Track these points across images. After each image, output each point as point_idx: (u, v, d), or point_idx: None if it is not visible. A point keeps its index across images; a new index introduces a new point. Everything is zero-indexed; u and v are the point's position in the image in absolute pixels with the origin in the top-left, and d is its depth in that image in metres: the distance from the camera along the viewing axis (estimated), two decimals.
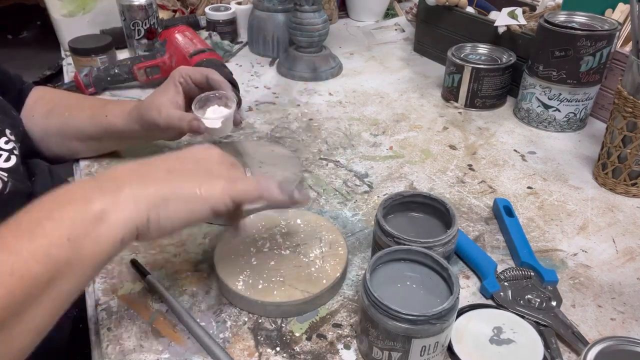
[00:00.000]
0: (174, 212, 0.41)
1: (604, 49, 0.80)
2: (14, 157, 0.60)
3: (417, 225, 0.60)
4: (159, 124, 0.66)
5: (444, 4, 1.07)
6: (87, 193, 0.39)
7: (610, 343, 0.41)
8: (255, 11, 1.16)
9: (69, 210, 0.38)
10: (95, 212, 0.38)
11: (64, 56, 1.18)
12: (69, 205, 0.39)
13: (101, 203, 0.39)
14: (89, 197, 0.39)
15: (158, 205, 0.41)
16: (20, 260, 0.35)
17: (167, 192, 0.41)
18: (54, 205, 0.39)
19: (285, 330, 0.53)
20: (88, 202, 0.38)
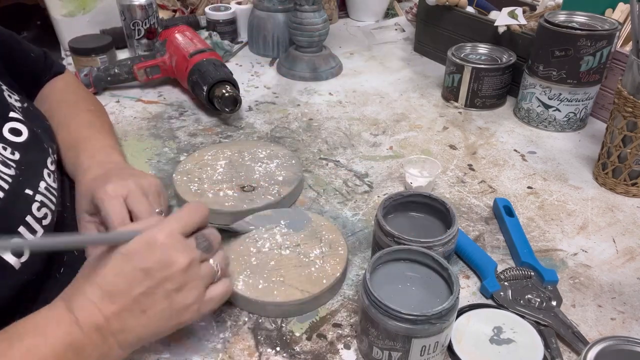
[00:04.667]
0: (149, 341, 0.47)
1: (604, 48, 0.80)
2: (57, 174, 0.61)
3: (417, 225, 0.60)
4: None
5: (444, 3, 1.07)
6: (76, 341, 0.42)
7: (610, 343, 0.41)
8: (255, 11, 1.16)
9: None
10: (85, 357, 0.42)
11: (64, 56, 1.18)
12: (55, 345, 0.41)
13: (94, 352, 0.43)
14: (78, 347, 0.42)
15: (138, 345, 0.45)
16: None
17: (146, 335, 0.45)
18: (39, 339, 0.41)
19: (285, 330, 0.53)
20: (79, 352, 0.42)
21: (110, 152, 0.68)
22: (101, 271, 0.44)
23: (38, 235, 0.52)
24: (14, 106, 0.60)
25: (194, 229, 0.47)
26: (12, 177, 0.52)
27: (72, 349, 0.41)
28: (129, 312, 0.43)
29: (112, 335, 0.43)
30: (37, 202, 0.54)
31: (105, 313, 0.42)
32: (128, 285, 0.43)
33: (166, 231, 0.45)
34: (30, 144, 0.58)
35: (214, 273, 0.48)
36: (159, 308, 0.44)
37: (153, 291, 0.43)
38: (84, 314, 0.42)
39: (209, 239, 0.48)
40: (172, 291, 0.44)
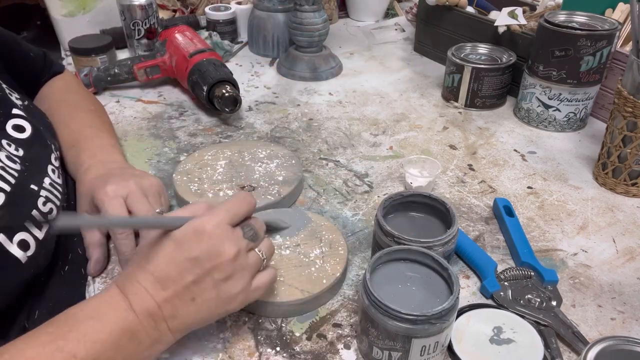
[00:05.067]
0: (197, 327, 0.48)
1: (604, 48, 0.80)
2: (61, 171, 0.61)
3: (417, 225, 0.60)
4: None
5: (444, 3, 1.07)
6: (131, 326, 0.43)
7: (610, 343, 0.41)
8: (255, 11, 1.16)
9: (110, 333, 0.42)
10: (139, 342, 0.44)
11: (64, 56, 1.18)
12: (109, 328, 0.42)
13: (147, 337, 0.44)
14: (132, 331, 0.43)
15: (186, 331, 0.47)
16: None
17: (195, 322, 0.46)
18: (95, 325, 0.43)
19: (285, 330, 0.53)
20: (133, 336, 0.43)
21: (111, 152, 0.68)
22: (153, 258, 0.45)
23: (44, 230, 0.52)
24: (16, 104, 0.60)
25: (241, 219, 0.48)
26: (18, 172, 0.52)
27: (127, 334, 0.43)
28: (179, 299, 0.44)
29: (164, 321, 0.44)
30: (43, 197, 0.54)
31: (158, 299, 0.44)
32: (179, 273, 0.44)
33: (215, 221, 0.45)
34: (33, 141, 0.58)
35: (261, 262, 0.48)
36: (207, 296, 0.45)
37: (202, 279, 0.44)
38: (137, 300, 0.43)
39: (255, 229, 0.48)
40: (220, 280, 0.45)
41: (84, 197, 0.61)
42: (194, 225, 0.45)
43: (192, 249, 0.44)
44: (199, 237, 0.44)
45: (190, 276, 0.44)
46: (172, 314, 0.44)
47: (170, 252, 0.44)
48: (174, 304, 0.44)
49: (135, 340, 0.43)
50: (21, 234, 0.49)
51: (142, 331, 0.43)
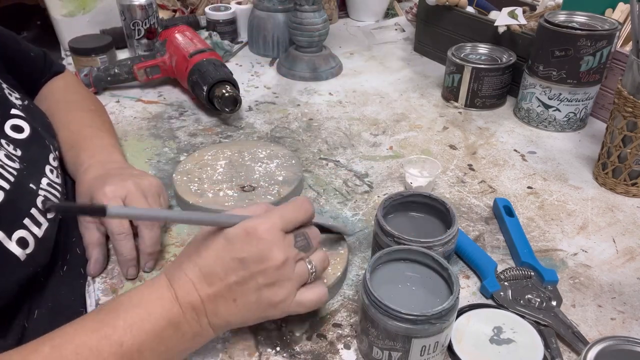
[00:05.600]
0: (236, 327, 0.48)
1: (604, 48, 0.80)
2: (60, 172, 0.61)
3: (417, 225, 0.60)
4: None
5: (444, 3, 1.07)
6: (175, 317, 0.44)
7: (610, 343, 0.41)
8: (255, 11, 1.16)
9: (156, 329, 0.43)
10: (182, 334, 0.45)
11: (64, 56, 1.18)
12: (156, 325, 0.43)
13: (189, 330, 0.45)
14: (176, 323, 0.44)
15: (226, 328, 0.48)
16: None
17: (234, 321, 0.47)
18: (141, 318, 0.43)
19: (285, 330, 0.53)
20: (177, 328, 0.44)
21: (111, 151, 0.68)
22: (203, 252, 0.45)
23: (43, 228, 0.52)
24: (15, 104, 0.60)
25: (296, 226, 0.47)
26: (17, 171, 0.53)
27: (172, 325, 0.43)
28: (221, 297, 0.45)
29: (206, 316, 0.45)
30: (41, 196, 0.54)
31: (202, 294, 0.44)
32: (224, 271, 0.44)
33: (267, 225, 0.45)
34: (32, 141, 0.58)
35: (308, 274, 0.47)
36: (248, 299, 0.45)
37: (246, 282, 0.44)
38: (182, 292, 0.44)
39: (308, 238, 0.47)
40: (263, 285, 0.45)
41: (83, 198, 0.61)
42: (246, 226, 0.45)
43: (240, 250, 0.44)
44: (249, 239, 0.44)
45: (234, 276, 0.44)
46: (214, 311, 0.45)
47: (220, 249, 0.45)
48: (216, 301, 0.45)
49: (179, 332, 0.44)
50: (20, 231, 0.49)
51: (186, 324, 0.44)
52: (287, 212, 0.47)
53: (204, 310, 0.44)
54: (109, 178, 0.60)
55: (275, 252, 0.44)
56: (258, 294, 0.45)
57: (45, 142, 0.61)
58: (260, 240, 0.44)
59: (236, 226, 0.45)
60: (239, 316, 0.46)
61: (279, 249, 0.45)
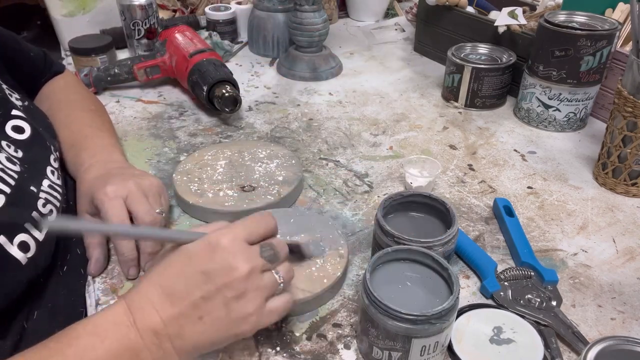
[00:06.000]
0: (205, 351, 0.45)
1: (604, 48, 0.80)
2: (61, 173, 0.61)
3: (417, 225, 0.60)
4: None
5: (444, 3, 1.07)
6: (133, 344, 0.41)
7: (610, 343, 0.41)
8: (255, 11, 1.16)
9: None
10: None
11: (64, 56, 1.18)
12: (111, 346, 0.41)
13: (150, 356, 0.42)
14: (134, 350, 0.41)
15: (194, 353, 0.44)
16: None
17: (202, 343, 0.44)
18: (95, 340, 0.41)
19: (285, 330, 0.53)
20: (135, 356, 0.41)
21: (111, 151, 0.68)
22: (163, 271, 0.43)
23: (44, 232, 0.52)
24: (16, 104, 0.60)
25: (260, 238, 0.46)
26: (17, 174, 0.52)
27: (129, 352, 0.41)
28: (186, 316, 0.42)
29: (169, 340, 0.42)
30: (42, 199, 0.54)
31: (163, 316, 0.42)
32: (187, 287, 0.42)
33: (230, 236, 0.43)
34: (33, 142, 0.58)
35: (276, 284, 0.45)
36: (216, 315, 0.42)
37: (212, 296, 0.42)
38: (142, 316, 0.42)
39: (275, 249, 0.46)
40: (231, 299, 0.42)
41: (84, 197, 0.61)
42: (209, 239, 0.43)
43: (203, 263, 0.42)
44: (212, 250, 0.43)
45: (199, 292, 0.42)
46: (178, 333, 0.42)
47: (182, 265, 0.43)
48: (181, 322, 0.42)
49: (137, 359, 0.41)
50: (21, 235, 0.49)
51: (146, 350, 0.41)
52: (250, 224, 0.45)
53: (166, 334, 0.42)
54: (110, 178, 0.60)
55: (240, 262, 0.43)
56: (227, 309, 0.43)
57: (46, 143, 0.61)
58: (224, 251, 0.43)
59: (198, 240, 0.44)
60: (206, 336, 0.43)
61: (244, 259, 0.43)
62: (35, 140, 0.59)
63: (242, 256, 0.43)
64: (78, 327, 0.42)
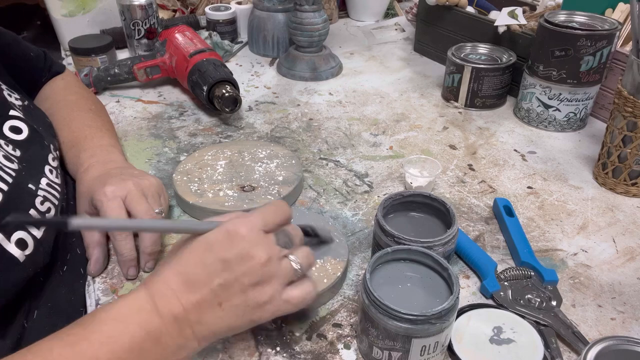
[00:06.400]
0: (224, 336, 0.46)
1: (604, 48, 0.80)
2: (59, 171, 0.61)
3: (417, 225, 0.60)
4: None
5: (444, 3, 1.07)
6: (155, 329, 0.42)
7: (610, 343, 0.41)
8: (255, 11, 1.16)
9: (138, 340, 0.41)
10: (163, 347, 0.43)
11: (64, 56, 1.18)
12: (138, 336, 0.42)
13: (171, 342, 0.43)
14: (156, 335, 0.42)
15: (212, 338, 0.45)
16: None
17: (220, 329, 0.44)
18: (118, 329, 0.42)
19: (285, 330, 0.53)
20: (157, 341, 0.42)
21: (110, 151, 0.68)
22: (183, 259, 0.44)
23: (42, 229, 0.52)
24: (14, 104, 0.60)
25: (276, 227, 0.47)
26: (15, 171, 0.52)
27: (151, 337, 0.41)
28: (206, 303, 0.43)
29: (189, 326, 0.43)
30: (40, 197, 0.54)
31: (184, 303, 0.42)
32: (207, 275, 0.43)
33: (248, 225, 0.44)
34: (30, 142, 0.58)
35: (294, 270, 0.46)
36: (234, 302, 0.43)
37: (230, 284, 0.43)
38: (163, 302, 0.42)
39: (290, 235, 0.47)
40: (248, 286, 0.43)
41: (84, 198, 0.61)
42: (227, 228, 0.44)
43: (223, 251, 0.43)
44: (231, 239, 0.44)
45: (218, 279, 0.43)
46: (198, 320, 0.43)
47: (201, 253, 0.44)
48: (201, 308, 0.43)
49: (160, 345, 0.42)
50: (19, 233, 0.49)
51: (167, 335, 0.42)
52: (267, 213, 0.46)
53: (187, 320, 0.43)
54: (109, 178, 0.60)
55: (258, 250, 0.44)
56: (244, 296, 0.44)
57: (44, 143, 0.61)
58: (242, 240, 0.43)
59: (216, 229, 0.44)
60: (225, 322, 0.44)
61: (261, 247, 0.44)
62: (33, 140, 0.59)
63: (259, 245, 0.44)
64: (101, 314, 0.42)
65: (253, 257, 0.43)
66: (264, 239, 0.45)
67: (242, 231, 0.44)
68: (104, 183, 0.59)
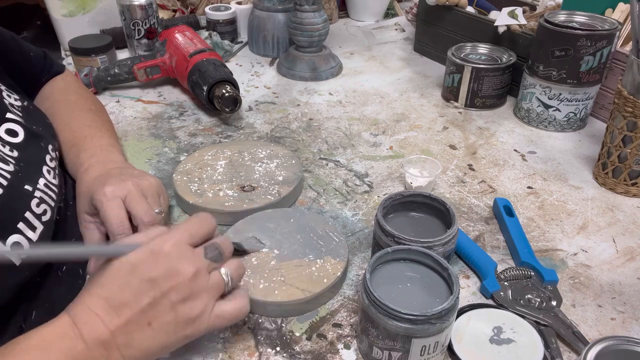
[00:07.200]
0: (157, 356, 0.44)
1: (604, 48, 0.80)
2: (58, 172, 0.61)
3: (417, 225, 0.60)
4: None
5: (444, 3, 1.07)
6: (80, 356, 0.40)
7: (610, 343, 0.41)
8: (255, 11, 1.16)
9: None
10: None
11: (64, 56, 1.18)
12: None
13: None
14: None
15: (145, 359, 0.43)
16: None
17: (153, 349, 0.43)
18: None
19: (285, 330, 0.53)
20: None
21: (110, 151, 0.68)
22: (105, 283, 0.42)
23: (38, 232, 0.52)
24: (13, 106, 0.60)
25: (202, 240, 0.46)
26: (10, 173, 0.52)
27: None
28: (134, 324, 0.42)
29: (118, 350, 0.42)
30: (37, 199, 0.54)
31: (110, 326, 0.41)
32: (134, 296, 0.42)
33: (172, 240, 0.44)
34: (27, 143, 0.58)
35: (224, 283, 0.45)
36: (164, 320, 0.42)
37: (159, 301, 0.42)
38: (87, 328, 0.41)
39: (220, 248, 0.46)
40: (177, 302, 0.43)
41: (83, 198, 0.61)
42: (151, 247, 0.43)
43: (148, 270, 0.42)
44: (156, 257, 0.42)
45: (146, 299, 0.42)
46: (127, 342, 0.41)
47: (125, 275, 0.42)
48: (129, 330, 0.41)
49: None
50: (15, 236, 0.49)
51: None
52: (190, 226, 0.45)
53: (114, 343, 0.41)
54: (109, 178, 0.60)
55: (184, 264, 0.43)
56: (174, 312, 0.42)
57: (41, 144, 0.61)
58: (167, 257, 0.42)
59: (138, 249, 0.43)
60: (157, 341, 0.43)
61: (188, 262, 0.43)
62: (29, 142, 0.59)
63: (185, 259, 0.43)
64: (24, 341, 0.41)
65: (179, 272, 0.42)
66: (190, 253, 0.44)
67: (166, 248, 0.43)
68: (103, 183, 0.59)
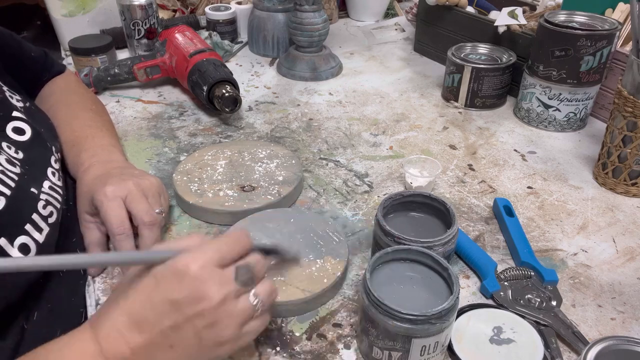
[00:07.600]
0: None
1: (604, 48, 0.80)
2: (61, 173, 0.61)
3: (417, 225, 0.60)
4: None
5: (444, 3, 1.07)
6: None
7: (610, 343, 0.41)
8: (255, 11, 1.16)
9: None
10: None
11: (64, 56, 1.18)
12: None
13: None
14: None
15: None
16: None
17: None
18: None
19: (285, 330, 0.53)
20: None
21: (111, 151, 0.68)
22: (131, 296, 0.41)
23: (44, 233, 0.52)
24: (16, 106, 0.60)
25: (233, 261, 0.43)
26: (18, 175, 0.52)
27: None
28: (156, 345, 0.40)
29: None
30: (43, 201, 0.54)
31: (132, 345, 0.40)
32: (156, 316, 0.40)
33: (200, 261, 0.40)
34: (33, 143, 0.58)
35: (253, 309, 0.43)
36: (187, 344, 0.40)
37: (182, 326, 0.40)
38: (109, 345, 0.40)
39: (252, 271, 0.43)
40: (202, 328, 0.40)
41: (84, 198, 0.61)
42: (177, 264, 0.40)
43: (171, 291, 0.40)
44: (181, 278, 0.40)
45: (167, 321, 0.40)
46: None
47: (149, 290, 0.40)
48: (150, 350, 0.40)
49: None
50: (22, 237, 0.49)
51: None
52: (223, 246, 0.42)
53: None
54: (110, 178, 0.60)
55: (211, 290, 0.40)
56: (198, 338, 0.40)
57: (47, 144, 0.61)
58: (193, 279, 0.40)
59: (166, 263, 0.41)
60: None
61: (215, 287, 0.40)
62: (35, 141, 0.59)
63: (213, 283, 0.40)
64: (43, 354, 0.40)
65: (205, 299, 0.40)
66: (219, 276, 0.41)
67: (192, 269, 0.40)
68: (104, 183, 0.59)
